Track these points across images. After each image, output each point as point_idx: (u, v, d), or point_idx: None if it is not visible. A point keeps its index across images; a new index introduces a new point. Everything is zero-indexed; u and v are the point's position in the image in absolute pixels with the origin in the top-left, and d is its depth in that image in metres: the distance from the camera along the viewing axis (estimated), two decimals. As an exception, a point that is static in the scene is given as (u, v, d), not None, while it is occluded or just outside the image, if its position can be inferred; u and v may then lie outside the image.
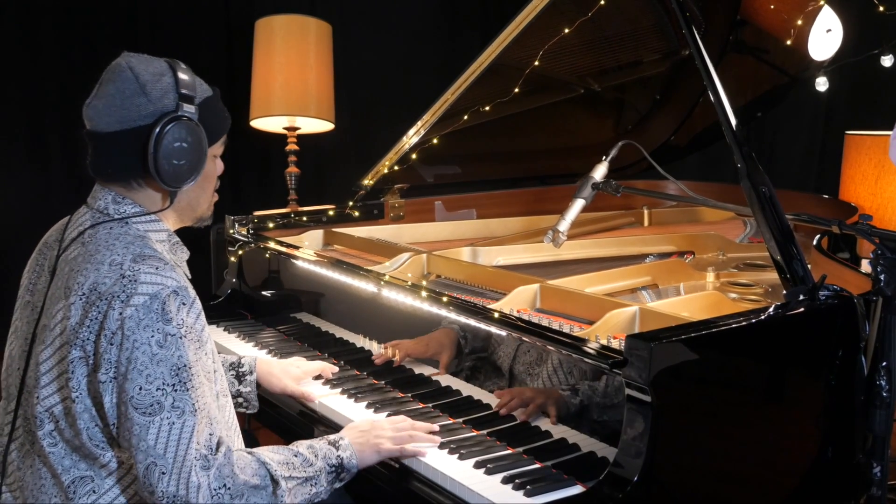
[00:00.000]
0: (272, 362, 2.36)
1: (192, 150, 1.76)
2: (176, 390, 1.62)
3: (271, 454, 1.76)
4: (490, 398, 2.09)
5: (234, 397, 2.24)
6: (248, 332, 2.86)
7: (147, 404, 1.61)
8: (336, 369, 2.42)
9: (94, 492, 1.70)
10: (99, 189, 1.83)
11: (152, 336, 1.62)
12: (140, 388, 1.61)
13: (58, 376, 1.69)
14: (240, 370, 2.28)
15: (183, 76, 1.78)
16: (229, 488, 1.65)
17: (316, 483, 1.78)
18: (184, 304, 1.67)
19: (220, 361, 1.89)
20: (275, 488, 1.70)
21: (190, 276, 1.91)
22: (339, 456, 1.85)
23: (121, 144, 1.74)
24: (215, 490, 1.64)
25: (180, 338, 1.64)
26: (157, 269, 1.67)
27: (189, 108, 1.76)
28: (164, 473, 1.61)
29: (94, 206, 1.82)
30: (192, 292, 1.72)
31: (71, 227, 1.83)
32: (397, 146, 3.17)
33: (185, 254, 1.91)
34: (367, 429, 1.95)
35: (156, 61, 1.79)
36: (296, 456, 1.79)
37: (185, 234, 1.94)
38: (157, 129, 1.71)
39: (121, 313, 1.62)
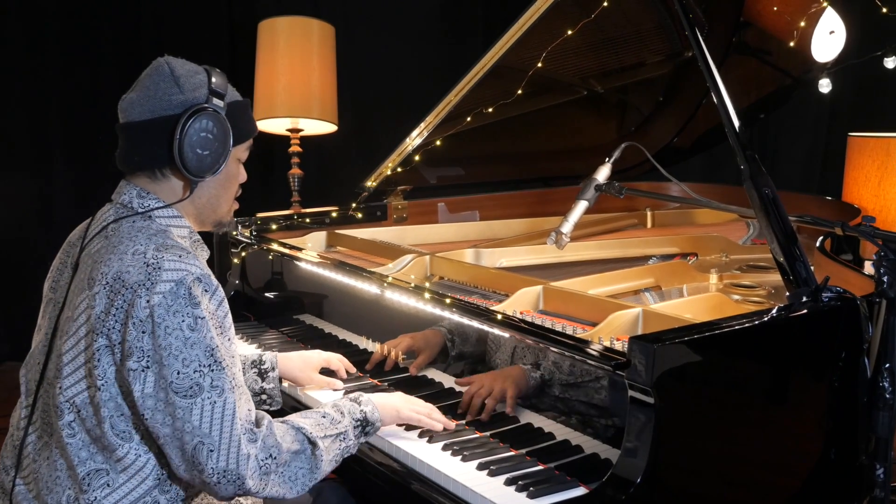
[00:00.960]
0: (292, 356, 2.37)
1: (217, 143, 1.82)
2: (213, 370, 1.68)
3: (302, 419, 1.85)
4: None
5: (257, 394, 2.26)
6: (252, 334, 2.87)
7: (187, 387, 1.65)
8: (353, 369, 2.42)
9: (108, 485, 1.72)
10: (124, 184, 1.87)
11: (183, 321, 1.66)
12: (178, 373, 1.65)
13: (82, 365, 1.72)
14: (262, 367, 2.29)
15: (216, 78, 1.85)
16: (275, 458, 1.74)
17: (345, 437, 1.88)
18: (206, 290, 1.72)
19: (238, 355, 1.91)
20: (313, 449, 1.81)
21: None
22: (362, 410, 1.95)
23: (150, 133, 1.80)
24: (262, 461, 1.72)
25: (208, 321, 1.69)
26: (180, 256, 1.72)
27: (218, 103, 1.83)
28: (212, 451, 1.66)
29: (118, 201, 1.86)
30: (216, 281, 1.76)
31: (95, 224, 1.86)
32: (400, 148, 3.17)
33: (205, 252, 1.95)
34: (387, 395, 2.08)
35: (193, 64, 1.88)
36: (324, 417, 1.88)
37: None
38: (185, 117, 1.77)
39: (148, 301, 1.65)
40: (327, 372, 2.38)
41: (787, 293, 1.94)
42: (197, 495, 1.86)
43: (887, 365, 1.84)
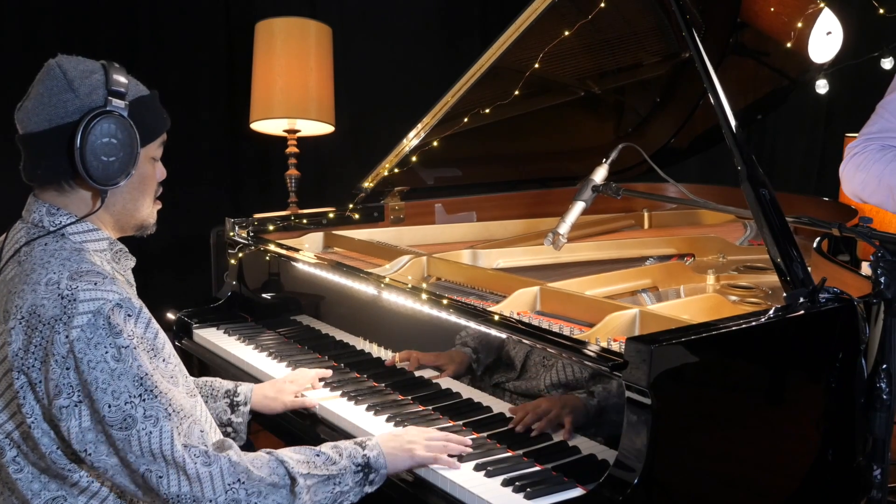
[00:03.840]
0: (265, 386, 2.30)
1: (122, 147, 1.70)
2: (144, 400, 1.59)
3: (291, 453, 1.74)
4: (491, 400, 2.09)
5: (224, 425, 2.20)
6: (248, 335, 2.86)
7: (120, 420, 1.58)
8: (329, 372, 2.41)
9: None
10: (33, 201, 1.78)
11: (106, 352, 1.58)
12: (109, 406, 1.57)
13: (11, 401, 1.65)
14: (235, 399, 2.23)
15: (115, 75, 1.73)
16: (244, 483, 1.63)
17: (340, 482, 1.74)
18: (129, 315, 1.63)
19: (181, 363, 1.80)
20: (292, 485, 1.68)
21: (134, 283, 1.87)
22: (364, 455, 1.80)
23: (50, 143, 1.69)
24: (229, 485, 1.62)
25: (134, 348, 1.60)
26: (95, 284, 1.62)
27: (118, 104, 1.71)
28: (161, 477, 1.60)
29: (28, 219, 1.76)
30: (137, 301, 1.67)
31: (7, 245, 1.77)
32: (397, 149, 3.17)
33: (130, 261, 1.86)
34: (399, 433, 1.92)
35: (88, 61, 1.75)
36: (318, 455, 1.76)
37: (182, 239, 1.92)
38: (83, 125, 1.66)
39: (67, 336, 1.57)
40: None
41: (785, 294, 1.94)
42: None
43: (884, 366, 1.84)
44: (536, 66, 3.02)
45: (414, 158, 3.22)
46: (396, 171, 3.27)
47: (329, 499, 1.73)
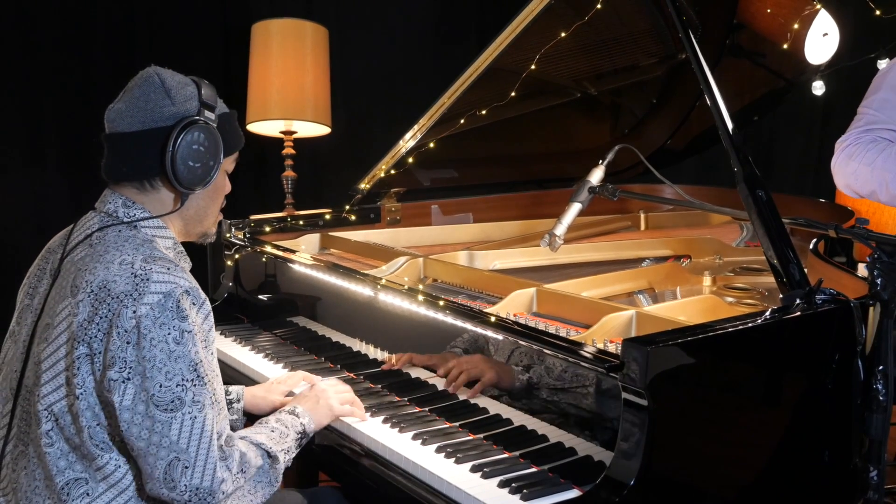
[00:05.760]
0: (255, 388, 2.34)
1: (208, 155, 1.83)
2: (195, 385, 1.68)
3: (257, 435, 1.89)
4: (487, 402, 2.09)
5: None
6: (245, 336, 2.86)
7: (168, 401, 1.65)
8: (318, 379, 2.39)
9: (87, 494, 1.70)
10: (109, 193, 1.86)
11: (169, 333, 1.65)
12: (160, 386, 1.64)
13: (61, 372, 1.70)
14: (227, 397, 2.25)
15: (206, 90, 1.86)
16: (244, 472, 1.78)
17: (289, 451, 1.94)
18: (194, 304, 1.72)
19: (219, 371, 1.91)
20: (272, 463, 1.86)
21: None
22: (301, 423, 2.01)
23: (140, 144, 1.79)
24: (236, 476, 1.75)
25: (195, 335, 1.69)
26: (168, 269, 1.71)
27: (209, 115, 1.84)
28: (187, 468, 1.67)
29: (102, 209, 1.85)
30: (203, 294, 1.76)
31: (77, 231, 1.84)
32: (394, 150, 3.17)
33: (187, 264, 1.93)
34: (313, 395, 2.13)
35: (182, 75, 1.87)
36: (273, 431, 1.93)
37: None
38: (178, 129, 1.77)
39: (135, 311, 1.64)
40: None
41: (781, 295, 1.95)
42: None
43: (881, 367, 1.84)
44: (533, 67, 3.02)
45: (410, 160, 3.23)
46: (393, 172, 3.27)
47: (284, 463, 1.92)
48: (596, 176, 2.34)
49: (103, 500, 1.71)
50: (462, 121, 3.15)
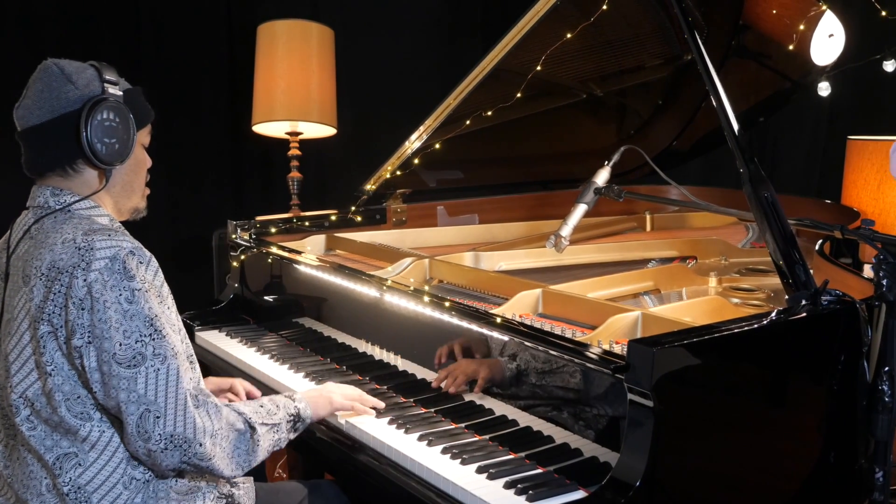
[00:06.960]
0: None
1: (122, 130, 1.86)
2: (154, 339, 1.73)
3: (241, 405, 1.93)
4: (493, 403, 2.09)
5: None
6: (251, 337, 2.86)
7: (130, 357, 1.70)
8: (257, 393, 2.37)
9: (79, 465, 1.75)
10: (36, 188, 1.91)
11: (121, 294, 1.71)
12: (120, 344, 1.70)
13: (29, 357, 1.76)
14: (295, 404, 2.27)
15: (106, 70, 1.90)
16: (222, 428, 1.81)
17: (278, 430, 1.97)
18: (141, 262, 1.77)
19: (178, 315, 1.94)
20: (252, 433, 1.88)
21: None
22: (296, 406, 2.05)
23: (53, 133, 1.84)
24: (217, 430, 1.79)
25: (146, 292, 1.74)
26: (109, 235, 1.76)
27: (115, 92, 1.87)
28: (158, 417, 1.71)
29: (34, 204, 1.89)
30: (149, 253, 1.81)
31: (16, 230, 1.90)
32: (399, 151, 3.17)
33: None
34: (316, 389, 2.20)
35: (78, 62, 1.91)
36: (261, 406, 1.97)
37: (184, 241, 1.96)
38: (88, 109, 1.81)
39: (85, 279, 1.70)
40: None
41: (787, 296, 1.94)
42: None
43: (886, 368, 1.84)
44: (538, 68, 3.02)
45: (416, 161, 3.23)
46: (398, 173, 3.27)
47: (271, 443, 1.95)
48: (601, 177, 2.34)
49: (97, 466, 1.76)
50: (468, 122, 3.14)
